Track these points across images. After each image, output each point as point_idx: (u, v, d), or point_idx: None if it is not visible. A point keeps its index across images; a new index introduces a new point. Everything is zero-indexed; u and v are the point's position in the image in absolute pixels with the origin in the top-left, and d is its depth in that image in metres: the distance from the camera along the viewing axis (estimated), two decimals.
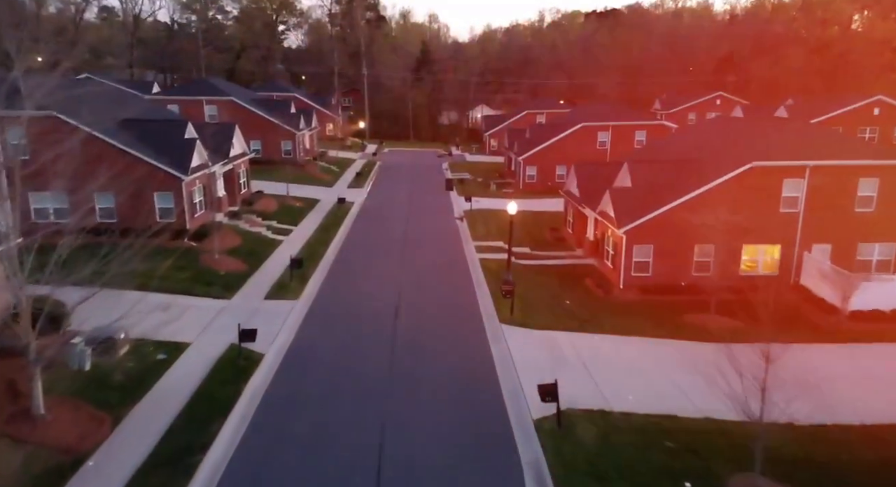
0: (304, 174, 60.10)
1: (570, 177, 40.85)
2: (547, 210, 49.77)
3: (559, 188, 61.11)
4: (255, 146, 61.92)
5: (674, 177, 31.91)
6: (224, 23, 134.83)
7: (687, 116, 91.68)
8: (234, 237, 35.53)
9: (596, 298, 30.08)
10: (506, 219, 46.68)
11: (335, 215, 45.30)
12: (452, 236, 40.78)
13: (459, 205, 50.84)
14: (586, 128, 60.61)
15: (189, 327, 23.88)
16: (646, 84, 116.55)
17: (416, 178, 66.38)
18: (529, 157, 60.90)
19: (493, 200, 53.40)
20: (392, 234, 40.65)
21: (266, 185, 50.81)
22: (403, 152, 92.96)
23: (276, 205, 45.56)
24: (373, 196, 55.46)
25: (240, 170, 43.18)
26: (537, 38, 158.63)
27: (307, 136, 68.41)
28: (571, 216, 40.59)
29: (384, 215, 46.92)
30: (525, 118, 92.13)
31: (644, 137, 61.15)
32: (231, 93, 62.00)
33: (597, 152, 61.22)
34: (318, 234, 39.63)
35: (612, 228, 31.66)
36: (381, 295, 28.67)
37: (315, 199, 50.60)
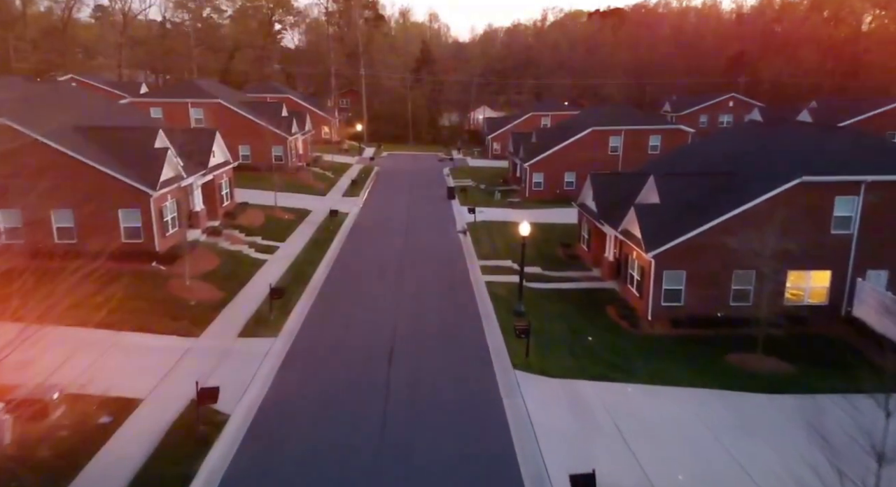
0: (295, 181, 56.32)
1: (585, 189, 37.02)
2: (557, 222, 45.95)
3: (568, 196, 57.41)
4: (243, 151, 58.23)
5: (707, 193, 28.08)
6: (219, 22, 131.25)
7: (698, 119, 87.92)
8: (211, 258, 31.70)
9: (621, 332, 26.25)
10: (513, 233, 42.99)
11: (327, 229, 41.45)
12: (455, 253, 36.94)
13: (462, 216, 47.05)
14: (597, 133, 56.79)
15: (145, 375, 20.08)
16: (653, 85, 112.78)
17: (416, 185, 62.56)
18: (536, 164, 57.11)
19: (498, 211, 49.58)
20: (388, 252, 36.81)
21: (253, 195, 47.04)
22: (402, 156, 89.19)
23: (262, 217, 41.72)
24: (369, 206, 51.60)
25: (221, 180, 39.35)
26: (540, 37, 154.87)
27: (300, 141, 64.60)
28: (586, 232, 36.77)
29: (380, 228, 43.07)
30: (529, 120, 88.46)
31: (659, 142, 57.34)
32: (218, 95, 58.18)
33: (608, 158, 57.46)
34: (307, 252, 35.77)
35: (637, 250, 27.84)
36: (374, 330, 24.83)
37: (306, 210, 46.77)
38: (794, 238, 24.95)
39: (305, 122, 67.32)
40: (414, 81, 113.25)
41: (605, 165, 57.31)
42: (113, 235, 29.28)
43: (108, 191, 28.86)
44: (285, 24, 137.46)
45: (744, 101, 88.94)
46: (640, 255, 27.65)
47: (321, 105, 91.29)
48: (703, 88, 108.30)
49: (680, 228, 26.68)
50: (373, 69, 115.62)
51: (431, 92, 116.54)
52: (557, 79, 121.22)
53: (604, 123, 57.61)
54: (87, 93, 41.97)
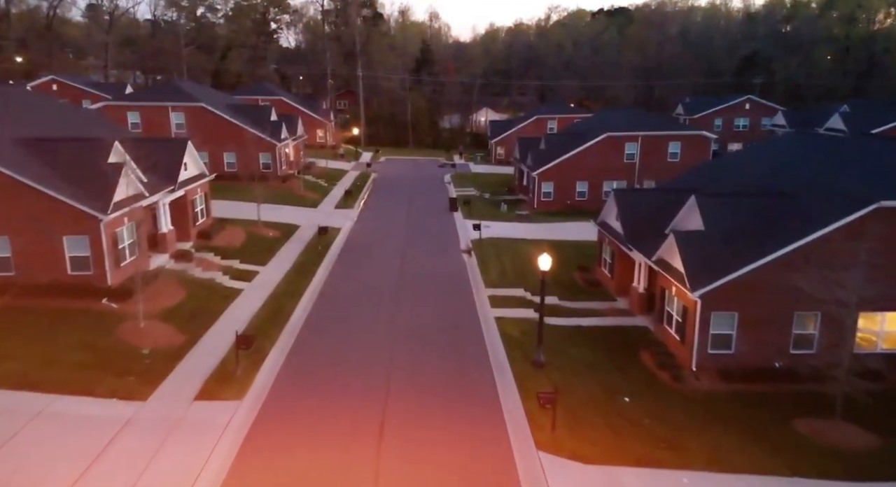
0: (284, 192, 51.85)
1: (607, 207, 32.53)
2: (571, 239, 41.52)
3: (580, 207, 53.02)
4: (228, 159, 53.83)
5: (762, 218, 23.62)
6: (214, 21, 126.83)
7: (713, 122, 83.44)
8: (175, 290, 27.24)
9: (663, 388, 21.76)
10: (523, 253, 38.53)
11: (315, 250, 36.96)
12: (459, 280, 32.45)
13: (466, 232, 42.62)
14: (611, 139, 52.33)
15: (68, 461, 15.65)
16: (662, 86, 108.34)
17: (415, 194, 58.10)
18: (546, 172, 52.67)
19: (505, 225, 45.12)
20: (383, 279, 32.32)
21: (236, 208, 42.65)
22: (401, 161, 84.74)
23: (242, 236, 37.25)
24: (364, 219, 47.11)
25: (195, 196, 34.87)
26: (543, 37, 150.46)
27: (290, 147, 60.15)
28: (609, 255, 32.29)
29: (375, 248, 38.58)
30: (535, 124, 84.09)
31: (678, 149, 52.91)
32: (201, 98, 53.73)
33: (623, 166, 53.05)
34: (290, 280, 31.26)
35: (678, 286, 23.39)
36: (361, 392, 20.34)
37: (294, 226, 42.30)
38: (869, 273, 20.51)
39: (297, 127, 62.87)
40: (414, 82, 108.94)
41: (620, 174, 52.98)
42: (57, 267, 24.89)
43: (51, 215, 24.42)
44: (281, 23, 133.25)
45: (761, 104, 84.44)
46: (681, 292, 23.19)
47: (316, 107, 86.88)
48: (715, 90, 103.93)
49: (731, 261, 22.22)
50: (371, 70, 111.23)
51: (432, 93, 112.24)
52: (562, 80, 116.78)
53: (618, 128, 53.16)
54: (43, 99, 37.46)
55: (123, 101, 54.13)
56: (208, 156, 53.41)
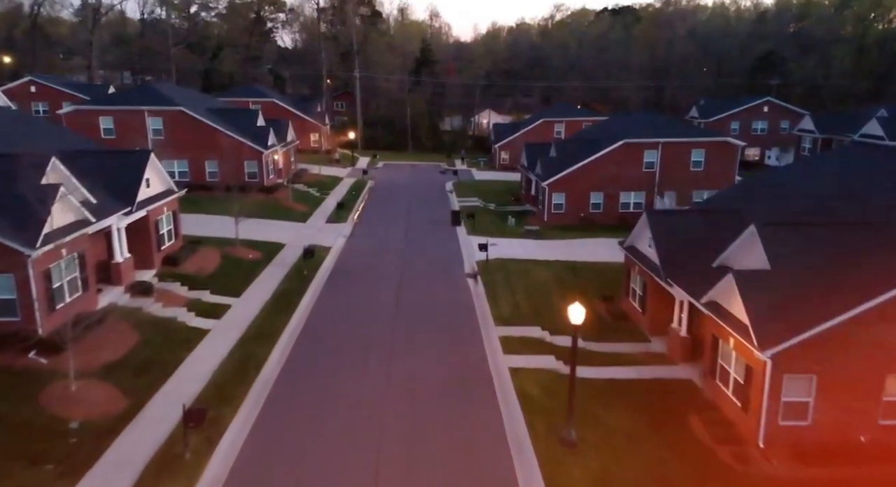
0: (271, 204, 47.42)
1: (638, 230, 27.99)
2: (589, 260, 37.01)
3: (594, 221, 48.49)
4: (210, 168, 49.35)
5: (841, 254, 19.11)
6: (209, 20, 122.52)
7: (729, 125, 78.91)
8: (125, 335, 22.76)
9: (724, 472, 17.22)
10: (537, 277, 34.03)
11: (299, 275, 32.44)
12: (464, 315, 27.93)
13: (471, 252, 38.13)
14: (629, 147, 47.79)
15: None
16: (673, 87, 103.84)
17: (415, 205, 53.59)
18: (557, 182, 48.14)
19: (514, 244, 40.59)
20: (375, 314, 27.79)
21: (214, 224, 38.16)
22: (400, 167, 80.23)
23: (216, 260, 32.76)
24: (357, 236, 42.57)
25: (160, 216, 30.34)
26: (547, 37, 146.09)
27: (280, 154, 55.65)
28: (639, 285, 27.77)
29: (368, 272, 34.03)
30: (541, 127, 79.69)
31: (702, 158, 48.35)
32: (181, 102, 49.22)
33: (642, 176, 48.53)
34: (266, 317, 26.73)
35: (738, 339, 18.88)
36: (342, 481, 15.87)
37: (277, 245, 37.84)
38: None
39: (287, 132, 58.38)
40: (413, 83, 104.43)
41: (639, 184, 48.50)
42: None
43: None
44: (276, 22, 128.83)
45: (781, 107, 79.92)
46: (743, 348, 18.68)
47: (309, 110, 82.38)
48: (728, 91, 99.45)
49: (807, 311, 17.72)
50: (369, 70, 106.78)
51: (432, 95, 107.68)
52: (568, 81, 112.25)
53: (636, 135, 48.62)
54: None
55: (95, 106, 49.57)
56: (188, 164, 49.12)
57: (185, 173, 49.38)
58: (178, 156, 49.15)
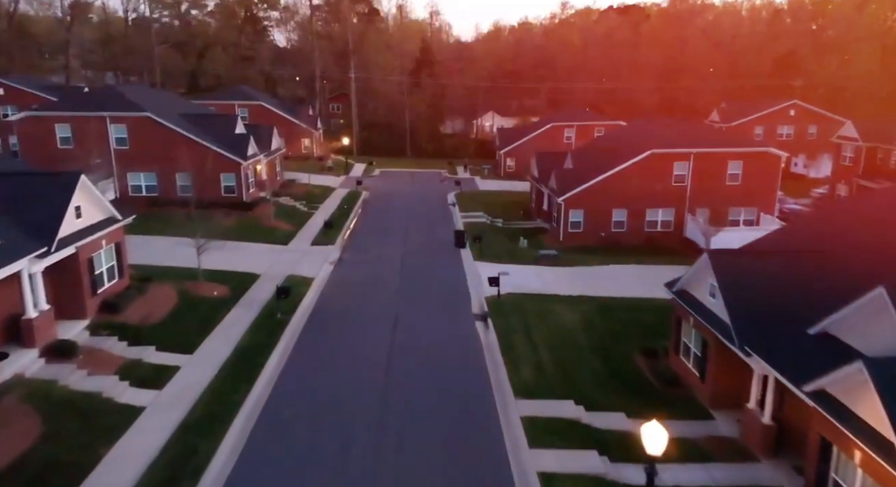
0: (249, 223, 41.71)
1: (695, 273, 22.05)
2: (619, 295, 31.23)
3: (618, 241, 42.69)
4: (182, 181, 43.57)
5: None
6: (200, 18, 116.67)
7: (753, 130, 73.31)
8: (23, 424, 16.93)
9: None
10: (561, 317, 28.23)
11: (270, 321, 26.62)
12: (475, 382, 22.06)
13: (479, 283, 32.38)
14: (657, 158, 42.06)
15: None
16: (688, 89, 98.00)
17: (413, 223, 47.81)
18: (575, 198, 42.47)
19: (529, 273, 34.81)
20: (360, 384, 21.90)
21: (179, 251, 32.09)
22: (398, 175, 74.49)
23: (171, 300, 26.97)
24: (346, 264, 36.73)
25: (97, 252, 24.49)
26: (552, 36, 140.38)
27: (263, 164, 49.87)
28: (697, 343, 21.96)
29: (355, 317, 28.13)
30: (549, 133, 74.04)
31: (740, 170, 42.60)
32: (148, 107, 43.45)
33: (671, 191, 42.85)
34: (221, 386, 20.82)
35: (872, 457, 13.08)
36: None
37: (250, 277, 32.05)
38: None
39: (271, 139, 52.60)
40: (412, 85, 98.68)
41: (668, 200, 42.80)
42: None
43: None
44: (270, 20, 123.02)
45: (808, 110, 74.21)
46: (880, 471, 12.89)
47: (298, 113, 76.63)
48: (747, 93, 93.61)
49: None
50: (366, 71, 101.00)
51: (432, 97, 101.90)
52: (576, 82, 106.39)
53: (664, 143, 42.89)
54: None
55: (49, 112, 43.75)
56: (156, 178, 43.32)
57: (153, 188, 43.66)
58: (145, 168, 43.47)
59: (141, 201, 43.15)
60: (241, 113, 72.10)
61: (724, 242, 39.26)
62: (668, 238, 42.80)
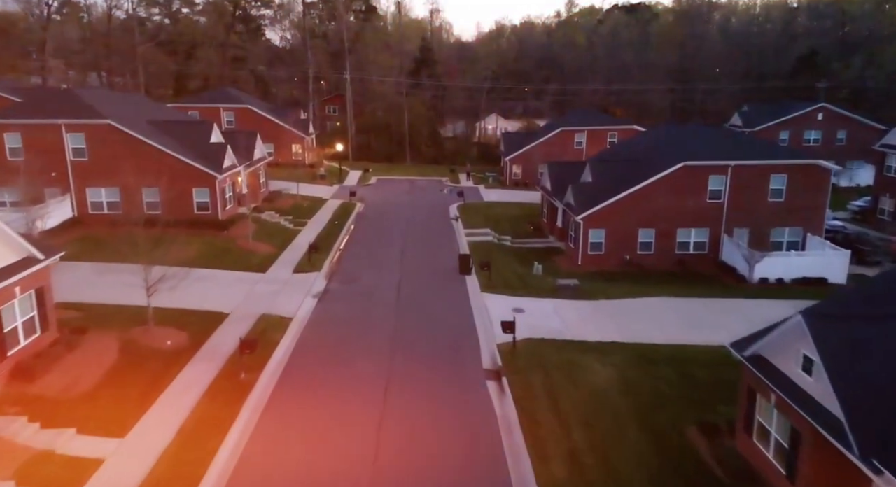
0: (223, 245, 36.58)
1: (781, 340, 16.74)
2: (660, 341, 26.05)
3: (646, 266, 37.49)
4: (148, 198, 38.44)
5: None
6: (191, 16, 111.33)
7: (778, 135, 68.16)
8: None
9: None
10: (596, 382, 22.80)
11: (232, 381, 21.40)
12: (489, 479, 16.93)
13: (489, 325, 27.20)
14: (690, 171, 36.89)
15: None
16: (702, 91, 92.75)
17: (412, 241, 42.60)
18: (595, 216, 37.33)
19: (546, 307, 29.59)
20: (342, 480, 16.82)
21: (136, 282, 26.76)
22: (396, 183, 69.33)
23: (108, 358, 21.75)
24: (332, 298, 31.41)
25: (8, 304, 19.24)
26: (556, 36, 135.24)
27: (243, 175, 44.71)
28: (779, 427, 16.76)
29: (337, 378, 22.89)
30: (559, 138, 68.95)
31: (783, 185, 37.40)
32: (108, 113, 38.24)
33: (705, 208, 37.70)
34: None
35: None
36: None
37: (215, 317, 26.86)
38: None
39: (254, 147, 47.37)
40: (412, 86, 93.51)
41: (701, 218, 37.65)
42: None
43: None
44: (263, 19, 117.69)
45: (837, 114, 69.02)
46: None
47: (293, 117, 71.47)
48: (767, 96, 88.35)
49: None
50: (362, 71, 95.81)
51: (433, 99, 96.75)
52: (582, 83, 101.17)
53: (697, 153, 37.68)
54: None
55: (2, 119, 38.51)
56: (119, 194, 38.15)
57: (116, 205, 38.45)
58: (107, 182, 38.30)
59: (102, 220, 38.05)
60: (226, 117, 67.21)
61: (769, 270, 34.26)
62: (702, 262, 37.63)
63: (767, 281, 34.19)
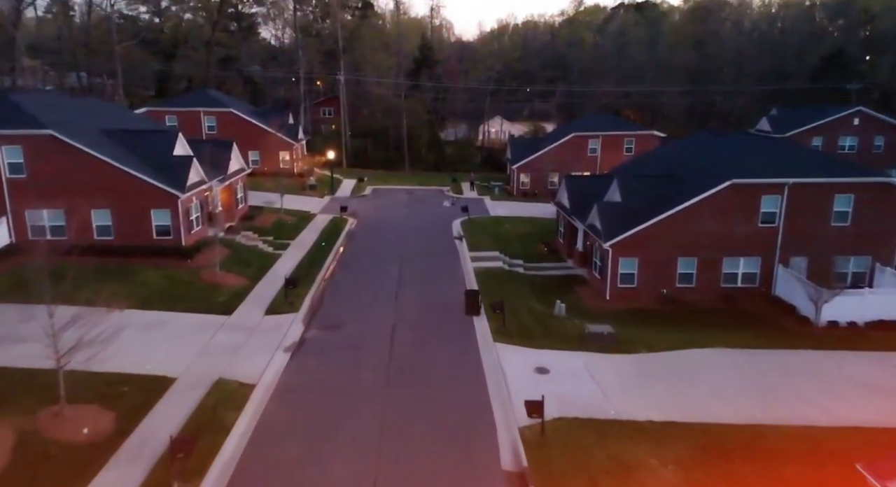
0: (184, 279, 30.73)
1: None
2: (727, 421, 20.16)
3: (686, 300, 31.74)
4: (99, 222, 32.63)
5: None
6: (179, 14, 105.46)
7: (810, 141, 62.33)
8: None
9: None
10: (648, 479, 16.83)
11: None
12: None
13: (507, 394, 21.34)
14: (739, 190, 31.04)
15: None
16: (721, 93, 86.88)
17: (410, 268, 36.70)
18: (626, 243, 31.50)
19: (577, 364, 23.66)
20: None
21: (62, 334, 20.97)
22: (393, 193, 63.53)
23: None
24: (309, 350, 25.47)
25: None
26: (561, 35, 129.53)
27: (216, 192, 38.87)
28: None
29: (313, 475, 17.17)
30: (571, 143, 63.23)
31: (849, 206, 31.57)
32: (51, 122, 32.30)
33: (757, 234, 31.85)
34: None
35: None
36: None
37: (158, 384, 20.97)
38: None
39: (228, 159, 41.40)
40: (411, 87, 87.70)
41: (751, 246, 31.80)
42: None
43: None
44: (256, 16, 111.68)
45: (875, 118, 63.16)
46: None
47: (282, 121, 65.62)
48: (791, 98, 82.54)
49: None
50: (358, 71, 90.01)
51: (433, 101, 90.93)
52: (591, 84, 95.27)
53: (747, 169, 31.80)
54: None
55: None
56: (65, 216, 32.30)
57: (61, 229, 32.56)
58: (50, 203, 32.47)
59: (45, 247, 32.16)
60: (207, 121, 61.44)
61: (840, 310, 28.38)
62: (752, 297, 31.84)
63: (837, 325, 28.36)
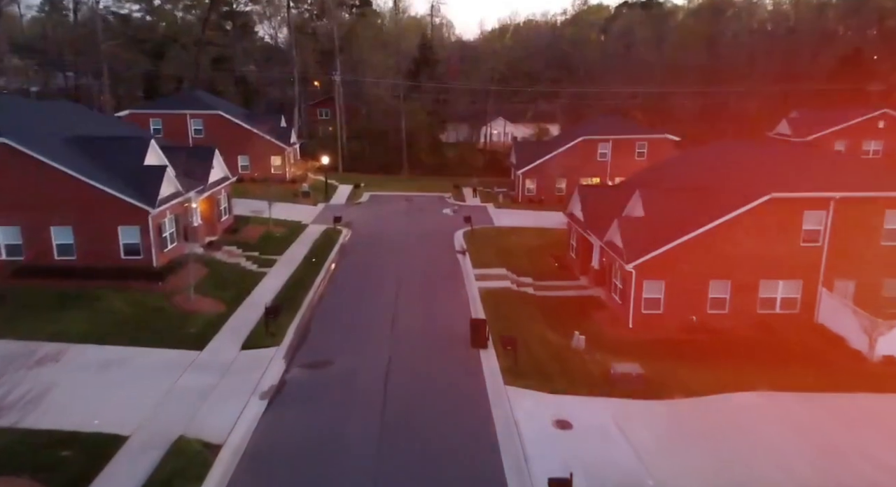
0: (153, 305, 27.19)
1: None
2: None
3: (719, 329, 28.14)
4: (61, 239, 29.14)
5: None
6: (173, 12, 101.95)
7: (832, 145, 58.83)
8: None
9: None
10: None
11: None
12: None
13: (524, 459, 17.82)
14: (778, 204, 27.50)
15: None
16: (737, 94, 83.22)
17: (407, 292, 33.12)
18: (652, 264, 27.97)
19: (603, 414, 20.13)
20: None
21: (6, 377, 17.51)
22: (391, 200, 60.01)
23: None
24: (286, 402, 21.76)
25: None
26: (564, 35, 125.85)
27: (196, 204, 35.34)
28: None
29: None
30: (580, 147, 59.61)
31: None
32: (6, 128, 28.78)
33: (798, 254, 28.31)
34: None
35: None
36: None
37: (106, 444, 17.42)
38: None
39: (209, 168, 37.77)
40: (410, 88, 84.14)
41: (792, 267, 28.26)
42: None
43: None
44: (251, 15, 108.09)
45: None
46: None
47: (273, 124, 62.13)
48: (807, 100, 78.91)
49: None
50: (355, 72, 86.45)
51: (434, 102, 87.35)
52: (596, 85, 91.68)
53: (788, 181, 28.29)
54: None
55: None
56: (21, 234, 28.82)
57: (17, 248, 29.08)
58: (4, 220, 28.96)
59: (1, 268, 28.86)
60: (193, 125, 57.97)
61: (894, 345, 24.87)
62: (792, 325, 28.28)
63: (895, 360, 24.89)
